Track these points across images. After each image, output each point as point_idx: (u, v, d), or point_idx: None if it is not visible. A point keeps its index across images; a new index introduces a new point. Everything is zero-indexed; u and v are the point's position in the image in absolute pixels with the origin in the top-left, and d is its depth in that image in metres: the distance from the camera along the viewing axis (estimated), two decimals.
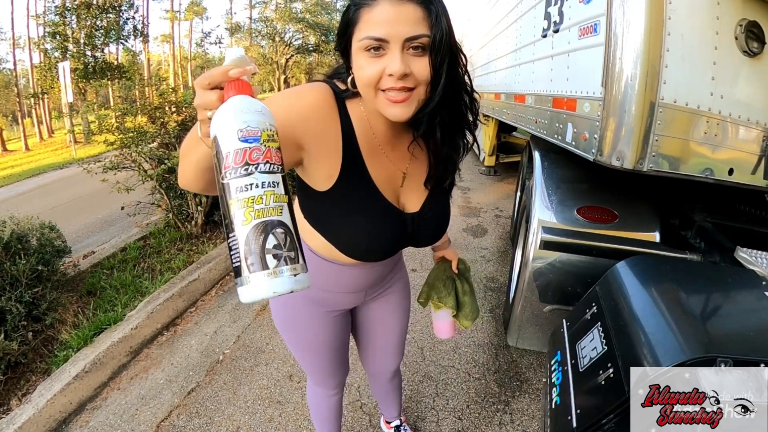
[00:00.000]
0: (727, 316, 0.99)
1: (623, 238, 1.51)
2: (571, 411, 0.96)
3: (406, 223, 0.83)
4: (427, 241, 0.89)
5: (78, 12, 15.70)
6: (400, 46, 0.62)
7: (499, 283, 2.77)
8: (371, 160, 0.77)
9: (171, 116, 3.43)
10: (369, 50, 0.64)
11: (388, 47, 0.63)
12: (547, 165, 1.86)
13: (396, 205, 0.82)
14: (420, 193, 0.85)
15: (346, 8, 0.68)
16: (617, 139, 1.16)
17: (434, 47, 0.64)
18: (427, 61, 0.64)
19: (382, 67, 0.64)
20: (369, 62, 0.64)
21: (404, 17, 0.62)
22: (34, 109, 22.99)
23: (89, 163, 3.24)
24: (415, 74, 0.64)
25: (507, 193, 4.91)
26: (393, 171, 0.81)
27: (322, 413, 1.30)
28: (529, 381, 1.90)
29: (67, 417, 1.80)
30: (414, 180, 0.84)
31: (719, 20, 1.11)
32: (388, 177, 0.80)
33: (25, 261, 2.23)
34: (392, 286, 1.12)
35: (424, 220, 0.85)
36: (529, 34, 2.24)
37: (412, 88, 0.65)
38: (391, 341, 1.21)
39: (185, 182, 0.63)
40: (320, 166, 0.74)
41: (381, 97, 0.67)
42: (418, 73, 0.64)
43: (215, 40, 32.76)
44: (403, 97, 0.65)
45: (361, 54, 0.65)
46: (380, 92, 0.66)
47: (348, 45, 0.69)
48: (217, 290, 2.81)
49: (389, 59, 0.63)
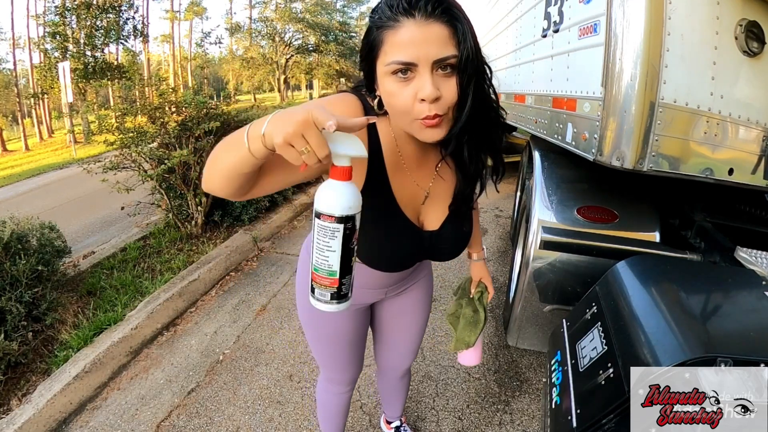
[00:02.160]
0: (727, 316, 0.99)
1: (623, 238, 1.51)
2: (571, 411, 0.96)
3: (423, 240, 0.84)
4: (445, 257, 0.89)
5: (78, 12, 15.69)
6: (429, 68, 0.61)
7: (499, 283, 2.77)
8: (395, 177, 0.78)
9: (171, 116, 3.42)
10: (397, 73, 0.62)
11: (417, 70, 0.61)
12: (547, 165, 1.86)
13: (415, 222, 0.83)
14: (441, 212, 0.85)
15: (368, 30, 0.66)
16: (617, 139, 1.16)
17: (462, 67, 0.62)
18: (455, 81, 0.63)
19: (414, 92, 0.62)
20: (398, 87, 0.63)
21: (432, 38, 0.60)
22: (34, 109, 22.98)
23: (89, 163, 3.24)
24: (445, 97, 0.63)
25: (507, 193, 4.91)
26: (416, 189, 0.81)
27: (331, 410, 1.30)
28: (529, 381, 1.90)
29: (67, 417, 1.80)
30: (436, 199, 0.84)
31: (719, 20, 1.11)
32: (410, 194, 0.81)
33: (25, 261, 2.23)
34: (415, 284, 1.12)
35: (442, 238, 0.85)
36: (529, 34, 2.24)
37: (441, 115, 0.64)
38: (406, 338, 1.22)
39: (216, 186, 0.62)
40: None
41: (415, 122, 0.66)
42: (447, 96, 0.63)
43: (215, 40, 32.83)
44: (437, 121, 0.64)
45: (388, 78, 0.64)
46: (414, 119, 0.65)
47: (372, 68, 0.67)
48: (217, 290, 2.81)
49: (419, 83, 0.61)
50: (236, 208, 3.62)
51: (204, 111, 3.49)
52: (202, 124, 3.31)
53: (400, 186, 0.78)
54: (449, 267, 3.00)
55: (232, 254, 3.13)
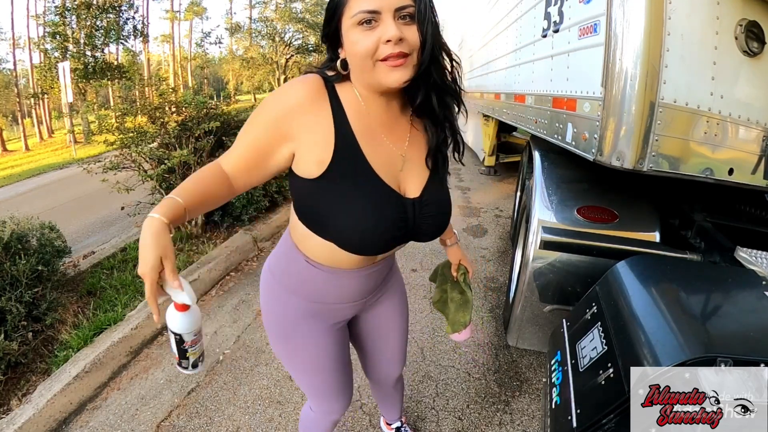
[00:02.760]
0: (727, 316, 0.99)
1: (623, 238, 1.51)
2: (571, 411, 0.96)
3: (406, 208, 0.81)
4: (430, 231, 0.86)
5: (78, 12, 15.69)
6: (392, 15, 0.68)
7: (499, 283, 2.77)
8: (367, 142, 0.78)
9: (171, 116, 3.42)
10: (362, 24, 0.69)
11: (381, 18, 0.68)
12: (547, 165, 1.86)
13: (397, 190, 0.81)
14: (420, 178, 0.84)
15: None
16: (617, 139, 1.16)
17: (420, 15, 0.70)
18: (416, 28, 0.70)
19: (377, 37, 0.68)
20: (364, 35, 0.69)
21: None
22: (34, 109, 23.01)
23: (89, 163, 3.24)
24: (408, 40, 0.69)
25: (507, 193, 4.91)
26: (391, 154, 0.81)
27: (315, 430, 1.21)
28: (529, 381, 1.90)
29: (67, 417, 1.80)
30: (413, 164, 0.84)
31: (719, 20, 1.11)
32: (386, 160, 0.80)
33: (25, 261, 2.23)
34: (389, 291, 1.09)
35: (425, 205, 0.83)
36: (529, 34, 2.24)
37: (407, 53, 0.70)
38: (393, 346, 1.18)
39: None
40: (312, 153, 0.75)
41: (380, 66, 0.71)
42: (410, 38, 0.70)
43: (215, 40, 32.81)
44: (402, 62, 0.70)
45: (354, 30, 0.70)
46: (378, 62, 0.70)
47: (338, 27, 0.73)
48: (217, 290, 2.81)
49: (383, 29, 0.68)
50: (236, 208, 3.62)
51: (204, 111, 3.49)
52: (202, 124, 3.32)
53: (374, 151, 0.78)
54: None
55: (232, 254, 3.13)
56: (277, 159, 0.77)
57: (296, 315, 0.95)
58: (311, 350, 0.98)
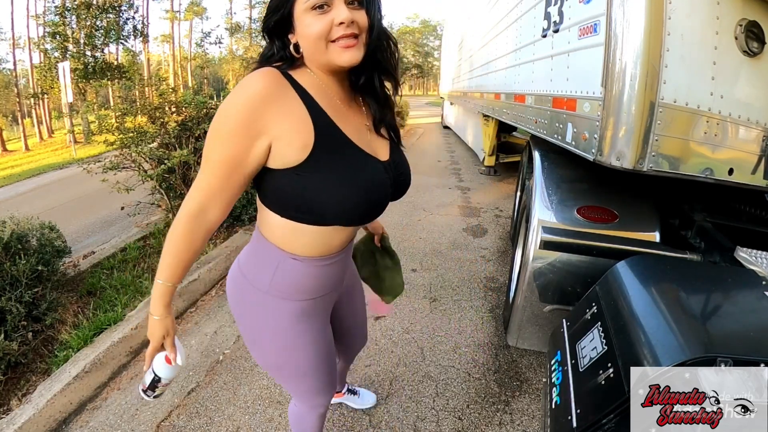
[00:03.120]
0: (727, 316, 0.99)
1: (623, 238, 1.51)
2: (571, 411, 0.96)
3: (386, 169, 0.88)
4: (403, 189, 0.94)
5: (78, 12, 15.68)
6: (343, 0, 0.74)
7: (499, 283, 2.77)
8: (338, 117, 0.81)
9: (171, 116, 3.42)
10: (315, 9, 0.74)
11: (333, 3, 0.74)
12: (547, 165, 1.86)
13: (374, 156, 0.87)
14: (383, 143, 0.92)
15: None
16: (617, 139, 1.16)
17: (367, 1, 0.77)
18: (365, 13, 0.77)
19: (330, 20, 0.74)
20: (316, 19, 0.74)
21: None
22: (34, 109, 23.00)
23: (89, 163, 3.24)
24: (358, 22, 0.75)
25: (507, 193, 4.91)
26: (358, 124, 0.87)
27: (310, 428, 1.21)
28: (529, 381, 1.90)
29: (67, 417, 1.80)
30: (373, 133, 0.91)
31: (719, 20, 1.11)
32: (357, 131, 0.85)
33: (25, 261, 2.23)
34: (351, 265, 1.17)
35: (396, 165, 0.91)
36: (529, 34, 2.24)
37: (357, 34, 0.76)
38: (362, 319, 1.28)
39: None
40: (294, 140, 0.75)
41: (332, 47, 0.76)
42: (360, 21, 0.76)
43: (215, 40, 32.82)
44: (353, 42, 0.76)
45: (308, 14, 0.74)
46: (331, 43, 0.76)
47: (290, 12, 0.77)
48: (217, 290, 2.81)
49: (336, 12, 0.74)
50: (236, 208, 3.62)
51: (204, 111, 3.49)
52: (202, 124, 3.32)
53: (346, 123, 0.83)
54: (449, 267, 3.00)
55: (232, 254, 3.13)
56: (252, 161, 0.76)
57: (291, 320, 0.93)
58: (309, 352, 0.98)
